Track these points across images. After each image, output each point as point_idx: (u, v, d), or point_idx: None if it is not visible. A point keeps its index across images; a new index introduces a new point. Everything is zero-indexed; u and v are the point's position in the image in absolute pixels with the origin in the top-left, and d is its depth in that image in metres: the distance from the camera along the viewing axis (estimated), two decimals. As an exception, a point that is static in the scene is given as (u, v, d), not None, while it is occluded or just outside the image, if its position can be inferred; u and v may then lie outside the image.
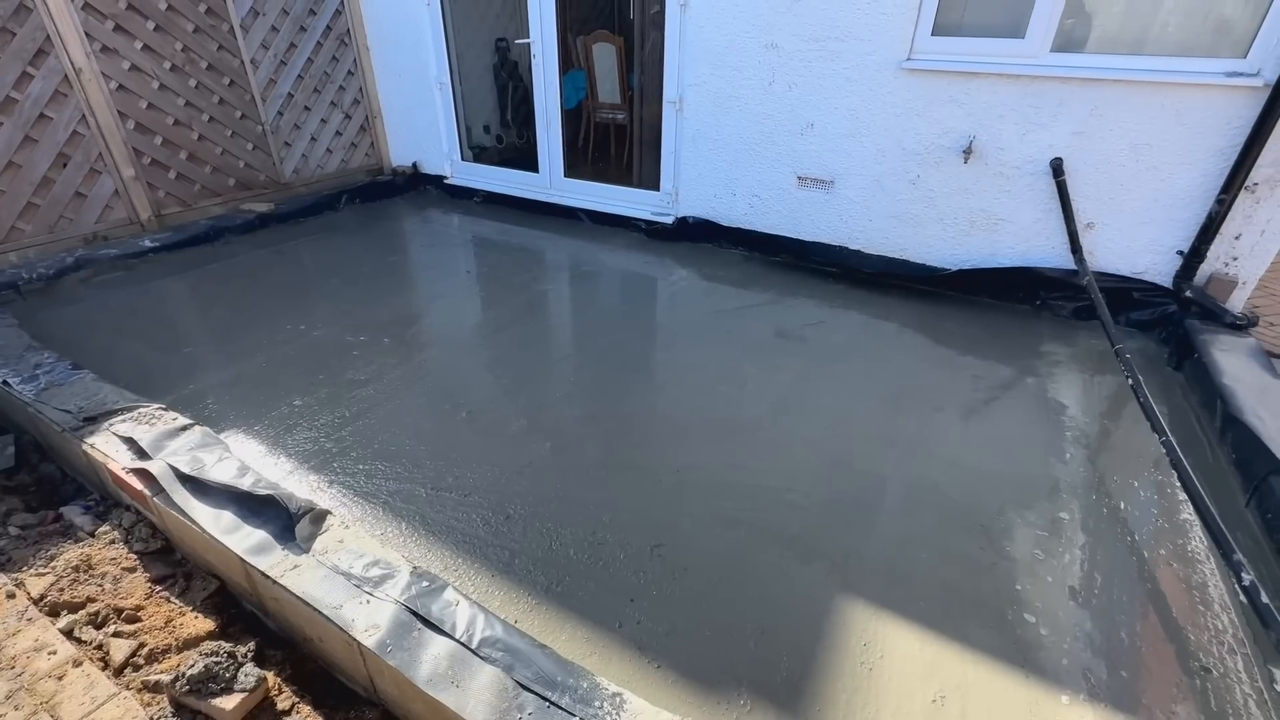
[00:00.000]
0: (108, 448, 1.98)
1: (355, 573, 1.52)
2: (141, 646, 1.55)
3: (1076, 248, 3.08)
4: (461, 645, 1.33)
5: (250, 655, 1.49)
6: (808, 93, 3.54)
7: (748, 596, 1.66)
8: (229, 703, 1.37)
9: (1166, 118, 2.79)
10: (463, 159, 5.32)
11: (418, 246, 4.34)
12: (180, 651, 1.55)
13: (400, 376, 2.67)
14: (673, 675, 1.45)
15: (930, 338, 3.06)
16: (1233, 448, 2.13)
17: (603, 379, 2.70)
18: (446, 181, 5.35)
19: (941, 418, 2.44)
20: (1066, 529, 1.90)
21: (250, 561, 1.55)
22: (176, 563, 1.84)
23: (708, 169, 4.08)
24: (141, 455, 1.92)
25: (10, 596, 1.65)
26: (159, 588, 1.74)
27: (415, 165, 5.48)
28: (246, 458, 2.02)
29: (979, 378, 2.72)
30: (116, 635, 1.58)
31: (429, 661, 1.30)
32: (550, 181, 4.86)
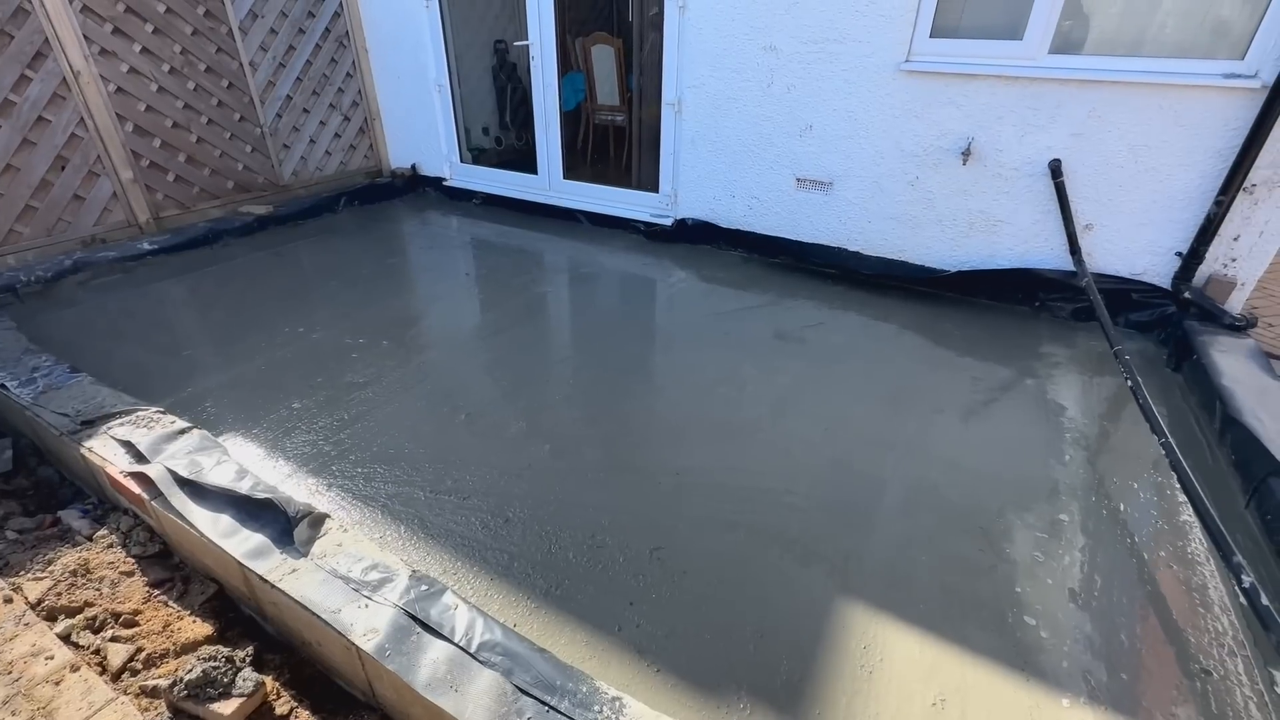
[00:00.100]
0: (106, 451, 1.97)
1: (354, 576, 1.51)
2: (139, 651, 1.55)
3: (1075, 249, 3.09)
4: (460, 649, 1.33)
5: (248, 660, 1.49)
6: (806, 95, 3.55)
7: (747, 599, 1.66)
8: (227, 708, 1.36)
9: (1165, 119, 2.79)
10: (462, 161, 5.32)
11: (417, 248, 4.34)
12: (178, 656, 1.55)
13: (399, 379, 2.67)
14: (672, 679, 1.45)
15: (929, 339, 3.06)
16: (1232, 449, 2.13)
17: (602, 381, 2.70)
18: (445, 183, 5.35)
19: (941, 419, 2.44)
20: (1066, 531, 1.90)
21: (248, 565, 1.55)
22: (174, 566, 1.83)
23: (707, 171, 4.08)
24: (139, 459, 1.92)
25: (7, 601, 1.64)
26: (157, 592, 1.73)
27: (414, 167, 5.48)
28: (245, 461, 2.02)
29: (978, 379, 2.72)
30: (114, 640, 1.57)
31: (428, 666, 1.30)
32: (549, 183, 4.86)
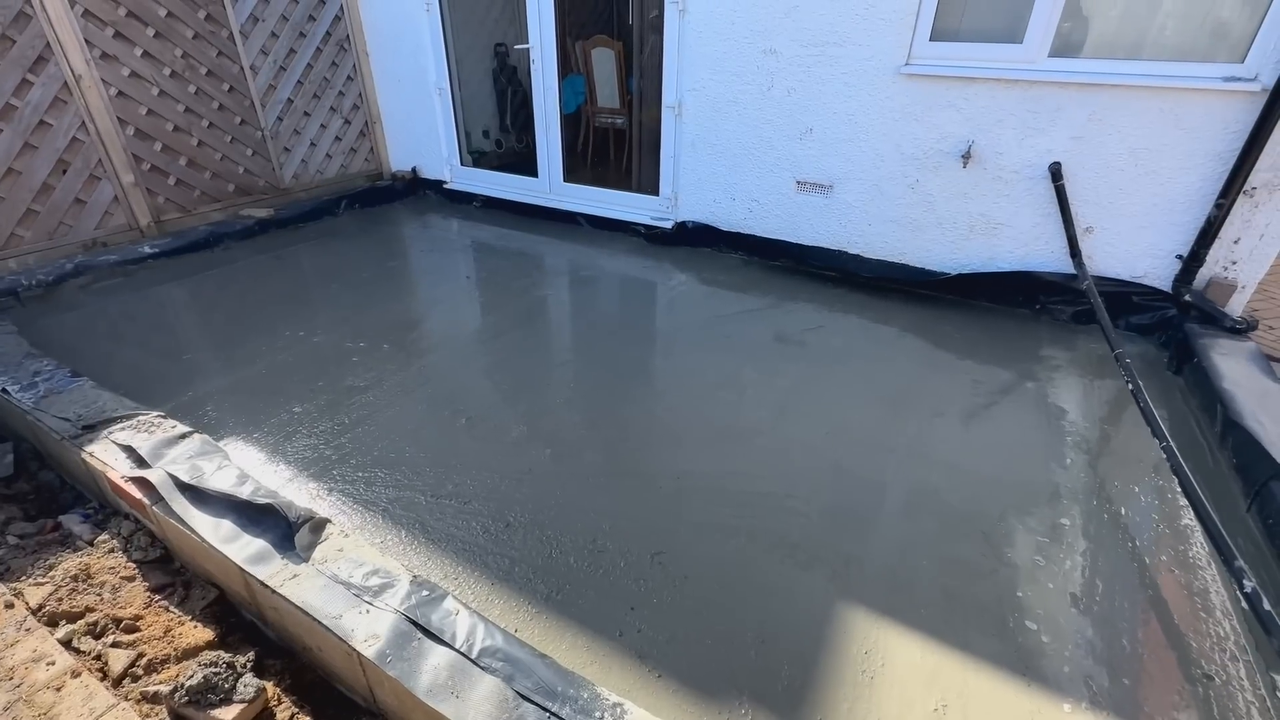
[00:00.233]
0: (107, 456, 1.97)
1: (355, 582, 1.51)
2: (140, 656, 1.54)
3: (1075, 252, 3.09)
4: (461, 655, 1.33)
5: (249, 665, 1.49)
6: (806, 98, 3.55)
7: (748, 604, 1.66)
8: (228, 714, 1.36)
9: (1165, 122, 2.79)
10: (462, 164, 5.33)
11: (417, 251, 4.34)
12: (179, 661, 1.55)
13: (400, 383, 2.67)
14: (673, 684, 1.45)
15: (929, 342, 3.06)
16: (1233, 452, 2.13)
17: (602, 385, 2.70)
18: (446, 186, 5.35)
19: (941, 422, 2.44)
20: (1067, 535, 1.90)
21: (249, 570, 1.55)
22: (175, 571, 1.83)
23: (707, 174, 4.08)
24: (140, 463, 1.92)
25: (9, 606, 1.64)
26: (158, 597, 1.73)
27: (415, 170, 5.49)
28: (246, 465, 2.02)
29: (978, 382, 2.72)
30: (115, 645, 1.57)
31: (429, 672, 1.30)
32: (549, 186, 4.86)
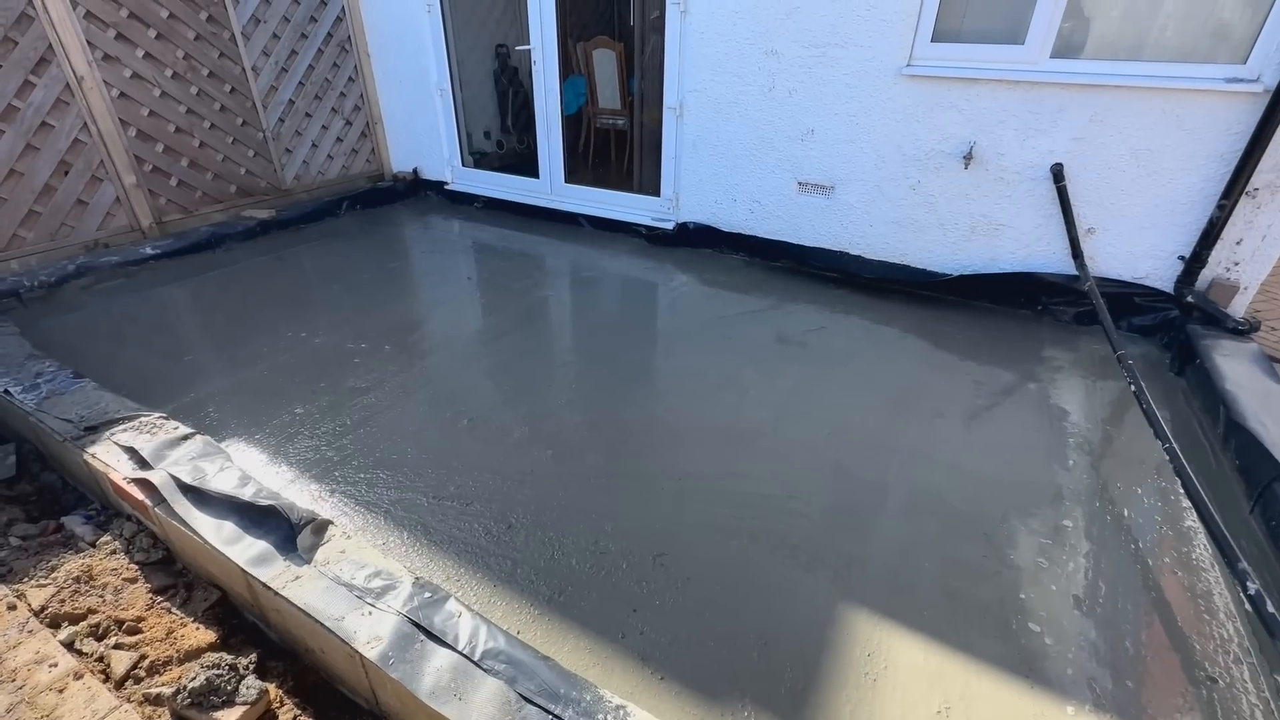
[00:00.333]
0: (109, 457, 1.97)
1: (357, 584, 1.51)
2: (143, 658, 1.54)
3: (1078, 253, 3.08)
4: (464, 657, 1.33)
5: (252, 667, 1.49)
6: (808, 99, 3.55)
7: (750, 606, 1.66)
8: (231, 716, 1.36)
9: (1167, 123, 2.79)
10: (463, 165, 5.33)
11: (418, 252, 4.34)
12: (181, 663, 1.55)
13: (401, 384, 2.67)
14: (676, 686, 1.45)
15: (931, 343, 3.06)
16: (1236, 454, 2.13)
17: (604, 386, 2.70)
18: (447, 187, 5.36)
19: (943, 424, 2.44)
20: (1070, 536, 1.90)
21: (252, 572, 1.55)
22: (178, 573, 1.83)
23: (708, 174, 4.08)
24: (143, 465, 1.92)
25: (11, 608, 1.64)
26: (160, 599, 1.73)
27: (416, 171, 5.49)
28: (248, 467, 2.02)
29: (980, 383, 2.71)
30: (118, 647, 1.57)
31: (431, 674, 1.29)
32: (551, 187, 4.86)
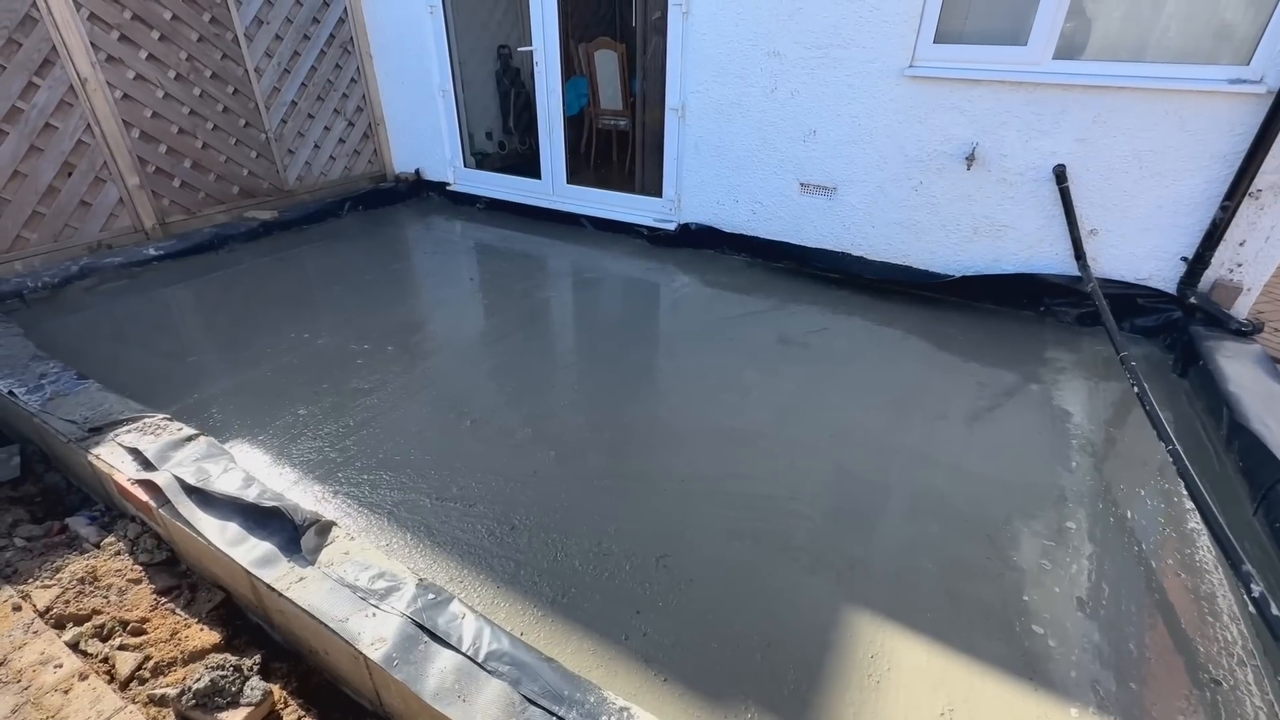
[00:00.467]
0: (113, 458, 1.98)
1: (361, 585, 1.51)
2: (147, 659, 1.55)
3: (1080, 254, 3.08)
4: (468, 659, 1.33)
5: (256, 668, 1.49)
6: (810, 100, 3.55)
7: (754, 608, 1.66)
8: (235, 717, 1.37)
9: (1170, 124, 2.79)
10: (465, 166, 5.34)
11: (421, 253, 4.35)
12: (186, 664, 1.55)
13: (404, 385, 2.67)
14: (679, 688, 1.45)
15: (933, 344, 3.06)
16: (1239, 455, 2.12)
17: (606, 387, 2.70)
18: (449, 188, 5.36)
19: (945, 425, 2.43)
20: (1073, 538, 1.89)
21: (256, 574, 1.55)
22: (182, 574, 1.83)
23: (710, 175, 4.08)
24: (147, 466, 1.93)
25: (16, 609, 1.65)
26: (164, 599, 1.74)
27: (418, 172, 5.49)
28: (252, 468, 2.03)
29: (983, 384, 2.71)
30: (122, 648, 1.58)
31: (435, 675, 1.30)
32: (553, 188, 4.87)
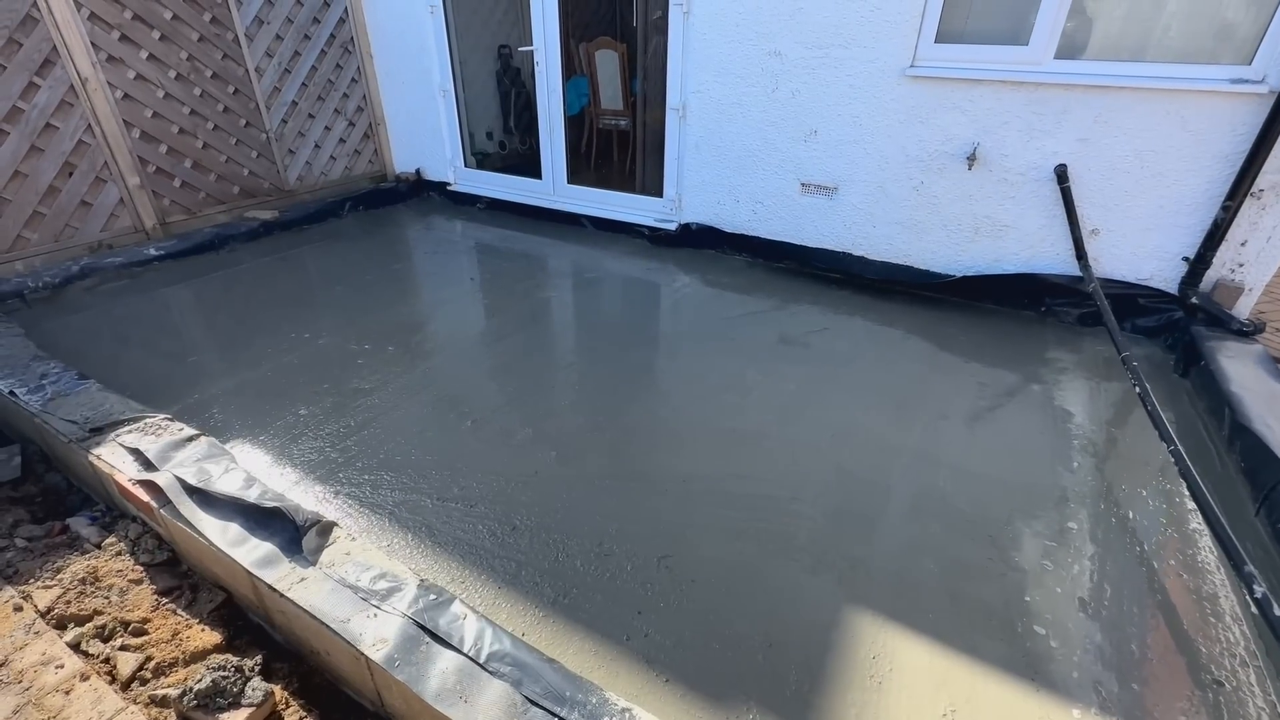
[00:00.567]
0: (114, 459, 1.98)
1: (362, 585, 1.51)
2: (148, 660, 1.55)
3: (1082, 254, 3.08)
4: (470, 660, 1.33)
5: (257, 669, 1.49)
6: (811, 100, 3.55)
7: (756, 608, 1.66)
8: (236, 718, 1.37)
9: (1171, 124, 2.78)
10: (466, 165, 5.33)
11: (421, 253, 4.34)
12: (187, 665, 1.55)
13: (405, 385, 2.67)
14: (681, 689, 1.45)
15: (935, 344, 3.06)
16: (1241, 456, 2.12)
17: (607, 387, 2.70)
18: (450, 188, 5.36)
19: (947, 425, 2.43)
20: (1075, 539, 1.89)
21: (257, 574, 1.55)
22: (183, 574, 1.83)
23: (711, 175, 4.08)
24: (148, 466, 1.92)
25: (17, 609, 1.65)
26: (165, 600, 1.73)
27: (418, 172, 5.49)
28: (253, 468, 2.02)
29: (984, 385, 2.71)
30: (123, 649, 1.57)
31: (437, 676, 1.29)
32: (553, 188, 4.87)
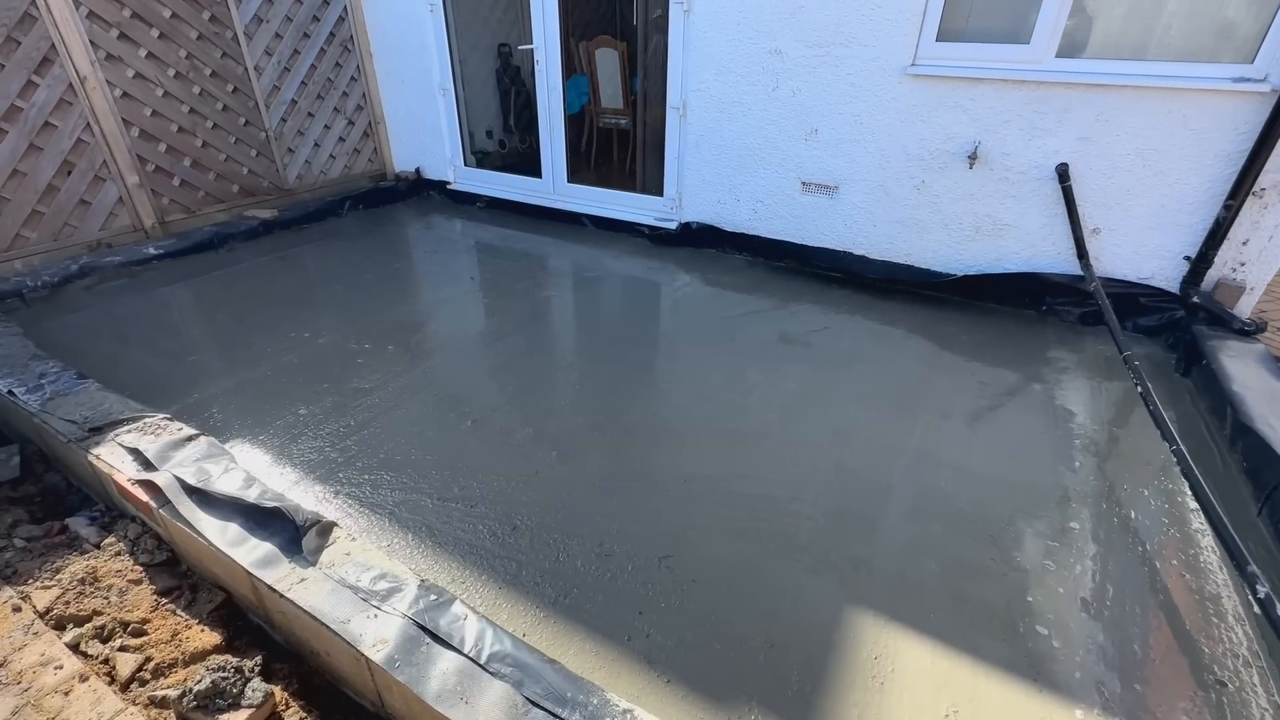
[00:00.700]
0: (113, 458, 1.97)
1: (363, 586, 1.51)
2: (148, 661, 1.54)
3: (1083, 253, 3.07)
4: (470, 660, 1.32)
5: (257, 670, 1.48)
6: (812, 98, 3.54)
7: (757, 608, 1.65)
8: (236, 719, 1.36)
9: (1173, 123, 2.78)
10: (466, 164, 5.33)
11: (421, 252, 4.34)
12: (186, 665, 1.54)
13: (405, 384, 2.67)
14: (682, 690, 1.44)
15: (936, 343, 3.05)
16: (1243, 455, 2.12)
17: (607, 386, 2.69)
18: (449, 187, 5.35)
19: (948, 425, 2.43)
20: (1077, 539, 1.89)
21: (257, 574, 1.55)
22: (182, 574, 1.83)
23: (711, 174, 4.07)
24: (147, 466, 1.92)
25: (16, 610, 1.64)
26: (165, 600, 1.73)
27: (418, 171, 5.48)
28: (252, 468, 2.02)
29: (985, 384, 2.71)
30: (123, 649, 1.57)
31: (438, 677, 1.29)
32: (553, 187, 4.86)
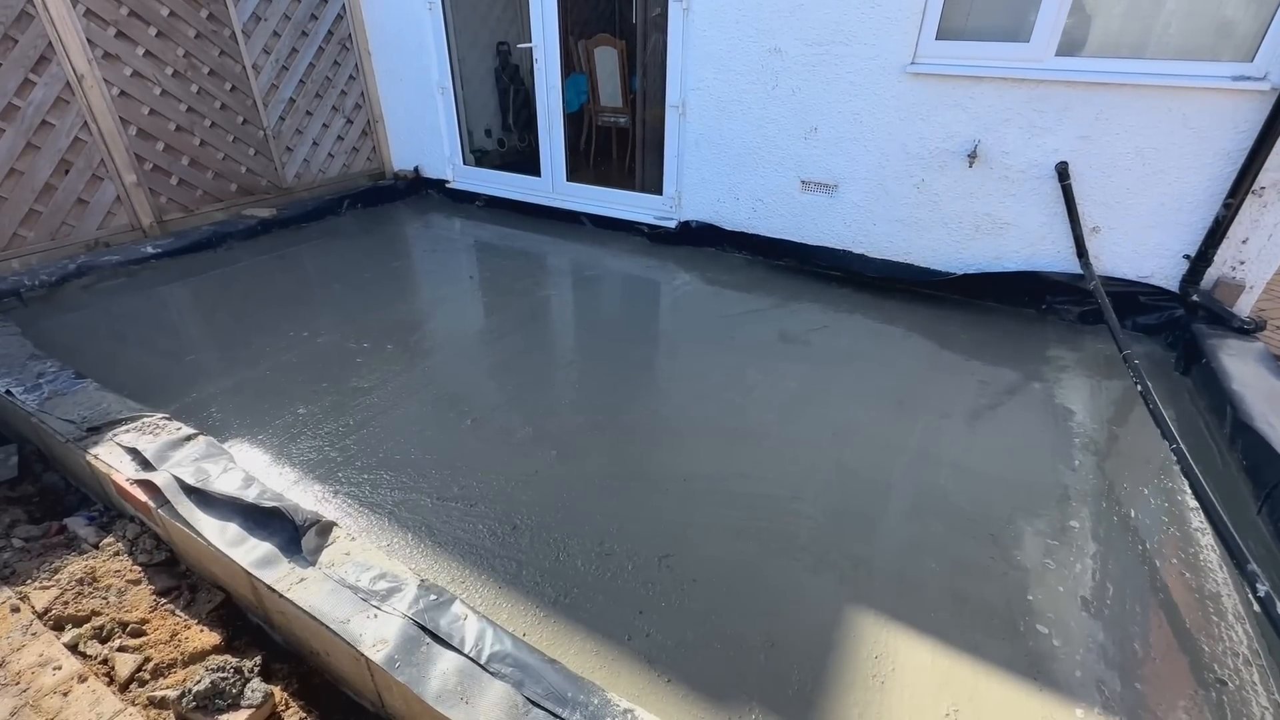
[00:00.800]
0: (111, 458, 1.97)
1: (362, 586, 1.51)
2: (147, 661, 1.54)
3: (1082, 252, 3.07)
4: (471, 660, 1.32)
5: (257, 670, 1.48)
6: (811, 97, 3.53)
7: (757, 608, 1.65)
8: (236, 719, 1.36)
9: (1172, 121, 2.78)
10: (464, 163, 5.32)
11: (420, 251, 4.33)
12: (186, 666, 1.54)
13: (404, 384, 2.66)
14: (683, 689, 1.44)
15: (935, 342, 3.05)
16: (1243, 454, 2.12)
17: (607, 385, 2.69)
18: (448, 186, 5.34)
19: (948, 424, 2.43)
20: (1077, 537, 1.89)
21: (256, 574, 1.54)
22: (181, 575, 1.82)
23: (711, 173, 4.07)
24: (146, 466, 1.91)
25: (15, 610, 1.64)
26: (164, 600, 1.72)
27: (417, 169, 5.47)
28: (251, 468, 2.01)
29: (985, 383, 2.70)
30: (122, 650, 1.56)
31: (438, 677, 1.29)
32: (552, 185, 4.85)
